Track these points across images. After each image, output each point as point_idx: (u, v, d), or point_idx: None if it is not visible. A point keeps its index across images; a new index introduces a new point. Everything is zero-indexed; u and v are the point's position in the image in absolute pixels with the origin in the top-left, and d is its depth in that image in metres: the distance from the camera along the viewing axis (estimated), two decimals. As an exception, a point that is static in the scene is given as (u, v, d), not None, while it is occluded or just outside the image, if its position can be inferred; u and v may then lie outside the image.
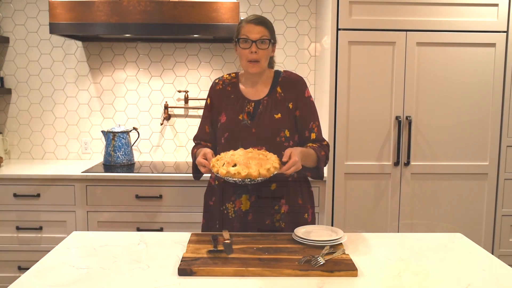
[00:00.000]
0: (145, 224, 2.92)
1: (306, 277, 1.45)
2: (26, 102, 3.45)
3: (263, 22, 1.91)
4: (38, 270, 1.50)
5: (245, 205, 1.95)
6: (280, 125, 1.94)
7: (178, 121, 3.48)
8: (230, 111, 1.97)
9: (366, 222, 2.98)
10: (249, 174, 1.59)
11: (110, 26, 2.90)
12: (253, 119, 1.94)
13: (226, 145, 1.94)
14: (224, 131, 1.96)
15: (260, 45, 1.88)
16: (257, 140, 1.91)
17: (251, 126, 1.93)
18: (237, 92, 2.00)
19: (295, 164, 1.71)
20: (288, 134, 1.95)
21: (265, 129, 1.93)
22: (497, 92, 2.94)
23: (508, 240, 3.04)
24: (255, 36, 1.88)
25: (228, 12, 2.88)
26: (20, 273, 2.91)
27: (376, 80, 2.89)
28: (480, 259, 1.63)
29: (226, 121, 1.97)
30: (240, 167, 1.60)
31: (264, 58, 1.92)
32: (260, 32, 1.88)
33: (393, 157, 2.94)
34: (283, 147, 1.91)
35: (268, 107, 1.95)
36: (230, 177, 1.61)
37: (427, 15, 2.85)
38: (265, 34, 1.89)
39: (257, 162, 1.63)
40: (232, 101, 1.99)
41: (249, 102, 1.97)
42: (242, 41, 1.90)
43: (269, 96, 1.97)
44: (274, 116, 1.94)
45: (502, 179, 2.99)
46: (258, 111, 1.95)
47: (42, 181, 2.90)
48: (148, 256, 1.62)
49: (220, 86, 2.03)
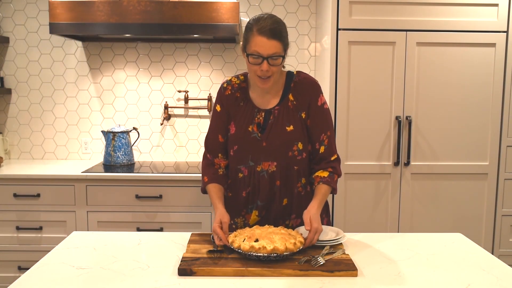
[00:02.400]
0: (145, 224, 2.92)
1: (306, 277, 1.45)
2: (26, 102, 3.45)
3: (277, 34, 1.66)
4: (38, 270, 1.50)
5: (253, 221, 1.88)
6: (293, 139, 1.80)
7: (178, 121, 3.48)
8: (239, 121, 1.83)
9: (366, 222, 2.98)
10: (275, 248, 1.50)
11: (110, 26, 2.90)
12: (263, 131, 1.80)
13: (235, 158, 1.85)
14: (234, 144, 1.84)
15: (272, 61, 1.68)
16: (267, 154, 1.80)
17: (262, 139, 1.80)
18: (246, 100, 1.84)
19: (317, 232, 1.62)
20: (302, 147, 1.82)
21: (277, 143, 1.79)
22: (497, 92, 2.94)
23: (508, 240, 3.04)
24: (267, 53, 1.66)
25: (228, 12, 2.88)
26: (20, 273, 2.91)
27: (376, 80, 2.89)
28: (480, 259, 1.63)
29: (235, 132, 1.83)
30: (264, 241, 1.53)
31: (276, 72, 1.73)
32: (273, 47, 1.66)
33: (393, 157, 2.94)
34: (295, 162, 1.82)
35: (280, 118, 1.80)
36: (254, 252, 1.50)
37: (427, 15, 2.85)
38: (278, 50, 1.67)
39: (280, 237, 1.57)
40: (241, 109, 1.84)
41: (259, 111, 1.82)
42: (251, 57, 1.69)
43: (280, 105, 1.81)
44: (286, 128, 1.79)
45: (502, 179, 2.99)
46: (269, 123, 1.80)
47: (42, 181, 2.90)
48: (148, 256, 1.62)
49: (229, 92, 1.87)
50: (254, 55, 1.67)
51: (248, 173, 1.84)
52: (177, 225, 2.90)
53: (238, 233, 1.64)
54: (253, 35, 1.67)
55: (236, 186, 1.89)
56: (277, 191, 1.83)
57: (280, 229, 1.66)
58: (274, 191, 1.83)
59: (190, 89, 3.45)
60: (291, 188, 1.85)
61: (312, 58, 3.42)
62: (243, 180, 1.86)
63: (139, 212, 2.91)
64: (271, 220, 1.87)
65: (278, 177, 1.82)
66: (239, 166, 1.85)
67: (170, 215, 2.91)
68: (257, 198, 1.85)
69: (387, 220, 2.99)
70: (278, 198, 1.84)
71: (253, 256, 1.51)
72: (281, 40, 1.68)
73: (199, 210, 2.92)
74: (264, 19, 1.68)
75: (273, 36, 1.65)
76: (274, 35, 1.66)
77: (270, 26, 1.66)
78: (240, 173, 1.86)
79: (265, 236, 1.57)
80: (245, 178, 1.85)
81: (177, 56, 3.43)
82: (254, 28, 1.67)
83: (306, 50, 3.42)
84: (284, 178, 1.83)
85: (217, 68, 3.43)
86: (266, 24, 1.66)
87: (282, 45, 1.68)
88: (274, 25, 1.67)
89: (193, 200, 2.90)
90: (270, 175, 1.82)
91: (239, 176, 1.86)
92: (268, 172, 1.82)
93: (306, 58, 3.42)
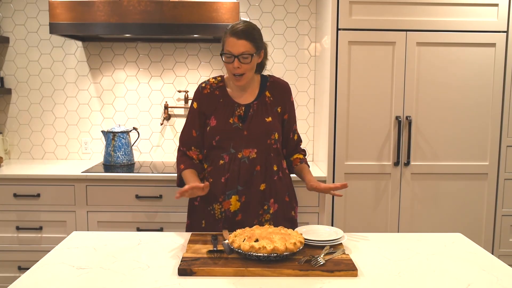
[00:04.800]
0: (145, 224, 2.92)
1: (306, 277, 1.45)
2: (26, 102, 3.45)
3: (246, 35, 1.88)
4: (38, 270, 1.50)
5: (234, 206, 1.98)
6: (271, 128, 2.00)
7: (178, 121, 3.48)
8: (220, 115, 1.99)
9: (366, 222, 2.98)
10: (275, 248, 1.51)
11: (110, 26, 2.90)
12: (244, 122, 1.98)
13: (217, 147, 2.00)
14: (215, 134, 1.99)
15: (242, 59, 1.89)
16: (248, 142, 1.97)
17: (243, 128, 1.97)
18: (225, 97, 2.02)
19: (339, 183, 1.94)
20: (277, 137, 2.02)
21: (257, 132, 1.98)
22: (497, 92, 2.94)
23: (508, 240, 3.04)
24: (237, 51, 1.88)
25: (228, 12, 2.88)
26: (20, 273, 2.91)
27: (376, 80, 2.90)
28: (480, 259, 1.63)
29: (216, 124, 1.99)
30: (264, 241, 1.54)
31: (249, 70, 1.93)
32: (242, 46, 1.87)
33: (393, 157, 2.94)
34: (272, 149, 2.02)
35: (259, 110, 2.00)
36: (254, 252, 1.50)
37: (427, 15, 2.85)
38: (247, 49, 1.88)
39: (280, 237, 1.58)
40: (221, 104, 2.01)
41: (239, 106, 2.00)
42: (225, 55, 1.91)
43: (258, 100, 2.02)
44: (265, 119, 2.00)
45: (502, 179, 2.99)
46: (249, 114, 1.99)
47: (42, 181, 2.90)
48: (148, 256, 1.62)
49: (207, 90, 2.04)
50: (227, 54, 1.90)
51: (229, 160, 1.99)
52: (177, 225, 2.90)
53: (238, 233, 1.64)
54: (226, 37, 1.90)
55: (216, 173, 2.01)
56: (256, 176, 1.99)
57: (280, 229, 1.66)
58: (254, 176, 1.99)
59: (190, 89, 3.45)
60: (270, 174, 2.02)
61: (312, 58, 3.42)
62: (223, 166, 1.99)
63: (139, 212, 2.91)
64: (251, 205, 1.97)
65: (258, 162, 1.99)
66: (221, 154, 2.00)
67: (170, 215, 2.91)
68: (236, 183, 1.98)
69: (387, 220, 2.99)
70: (257, 183, 1.99)
71: (253, 256, 1.51)
72: (251, 41, 1.89)
73: (199, 210, 2.92)
74: (237, 23, 1.92)
75: (242, 36, 1.87)
76: (243, 36, 1.87)
77: (241, 28, 1.89)
78: (222, 160, 2.00)
79: (265, 236, 1.58)
80: (225, 165, 1.99)
81: (177, 56, 3.43)
82: (228, 32, 1.91)
83: (306, 50, 3.42)
84: (263, 164, 2.00)
85: (217, 68, 3.44)
86: (238, 27, 1.89)
87: (252, 45, 1.89)
88: (245, 27, 1.90)
89: (193, 200, 2.90)
90: (250, 161, 1.98)
91: (220, 163, 2.00)
92: (249, 158, 1.98)
93: (306, 58, 3.42)
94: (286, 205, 2.08)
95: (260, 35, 1.95)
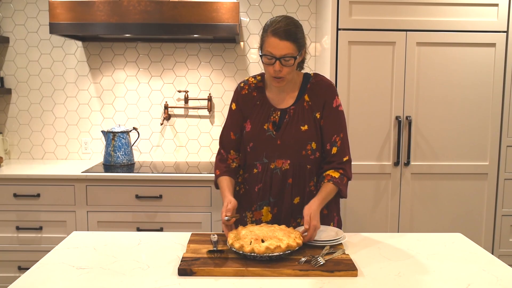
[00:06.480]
0: (145, 224, 2.92)
1: (306, 277, 1.45)
2: (26, 102, 3.45)
3: (289, 35, 1.71)
4: (38, 270, 1.50)
5: (266, 217, 1.90)
6: (307, 138, 1.84)
7: (178, 121, 3.48)
8: (255, 120, 1.88)
9: (366, 222, 2.98)
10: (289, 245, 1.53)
11: (110, 26, 2.90)
12: (278, 130, 1.85)
13: (251, 154, 1.90)
14: (249, 141, 1.89)
15: (284, 62, 1.73)
16: (281, 152, 1.85)
17: (276, 137, 1.84)
18: (263, 99, 1.89)
19: (315, 229, 1.67)
20: (315, 146, 1.85)
21: (291, 142, 1.83)
22: (497, 92, 2.94)
23: (508, 240, 3.04)
24: (279, 53, 1.71)
25: (228, 12, 2.88)
26: (20, 273, 2.91)
27: (376, 80, 2.89)
28: (480, 259, 1.63)
29: (251, 130, 1.88)
30: (273, 240, 1.54)
31: (290, 73, 1.78)
32: (285, 48, 1.71)
33: (393, 157, 2.94)
34: (308, 161, 1.86)
35: (295, 117, 1.84)
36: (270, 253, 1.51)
37: (427, 15, 2.85)
38: (290, 51, 1.71)
39: (283, 233, 1.61)
40: (257, 108, 1.89)
41: (275, 110, 1.87)
42: (265, 57, 1.74)
43: (296, 105, 1.86)
44: (301, 128, 1.83)
45: (502, 179, 2.99)
46: (284, 122, 1.85)
47: (42, 181, 2.90)
48: (148, 256, 1.62)
49: (245, 91, 1.92)
50: (267, 55, 1.73)
51: (262, 170, 1.89)
52: (177, 225, 2.91)
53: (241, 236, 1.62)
54: (267, 36, 1.73)
55: (251, 180, 1.93)
56: (288, 189, 1.87)
57: (275, 227, 1.69)
58: (286, 189, 1.87)
59: (190, 89, 3.45)
60: (303, 187, 1.88)
61: (312, 58, 3.42)
62: (257, 175, 1.90)
63: (139, 212, 2.91)
64: (282, 217, 1.89)
65: (291, 175, 1.86)
66: (255, 162, 1.91)
67: (170, 215, 2.91)
68: (268, 194, 1.89)
69: (387, 220, 2.99)
70: (290, 196, 1.87)
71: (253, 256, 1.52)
72: (294, 42, 1.72)
73: (199, 210, 2.92)
74: (278, 21, 1.73)
75: (285, 37, 1.70)
76: (286, 37, 1.70)
77: (284, 28, 1.71)
78: (255, 168, 1.91)
79: (270, 236, 1.58)
80: (259, 174, 1.90)
81: (177, 56, 3.43)
82: (268, 30, 1.73)
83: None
84: (296, 177, 1.86)
85: (217, 68, 3.43)
86: (280, 25, 1.71)
87: (295, 46, 1.73)
88: (288, 26, 1.72)
89: (193, 200, 2.90)
90: (283, 173, 1.86)
91: (254, 171, 1.91)
92: (282, 169, 1.86)
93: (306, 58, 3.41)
94: (323, 218, 1.86)
95: (302, 33, 1.79)
